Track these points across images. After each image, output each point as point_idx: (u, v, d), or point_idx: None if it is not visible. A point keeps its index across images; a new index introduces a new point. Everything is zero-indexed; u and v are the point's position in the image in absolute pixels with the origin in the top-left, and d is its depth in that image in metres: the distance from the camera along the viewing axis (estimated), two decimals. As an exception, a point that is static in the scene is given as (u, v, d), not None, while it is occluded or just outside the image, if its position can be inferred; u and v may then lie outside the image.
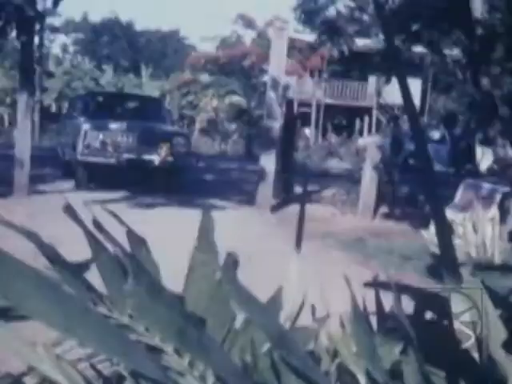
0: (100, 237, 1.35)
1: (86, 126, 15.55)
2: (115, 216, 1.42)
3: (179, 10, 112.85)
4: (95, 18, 66.76)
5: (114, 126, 15.73)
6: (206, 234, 1.49)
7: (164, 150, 15.42)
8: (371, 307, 1.57)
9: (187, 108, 42.77)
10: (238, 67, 45.56)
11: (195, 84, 43.37)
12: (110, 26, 64.12)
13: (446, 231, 1.35)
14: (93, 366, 1.36)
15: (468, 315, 1.26)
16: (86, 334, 0.96)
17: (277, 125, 15.19)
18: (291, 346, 1.16)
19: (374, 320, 1.55)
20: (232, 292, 1.12)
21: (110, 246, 1.35)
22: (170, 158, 15.55)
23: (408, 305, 1.52)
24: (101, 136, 15.39)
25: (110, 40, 64.10)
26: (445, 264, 1.30)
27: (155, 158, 15.49)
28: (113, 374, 1.38)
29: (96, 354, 1.33)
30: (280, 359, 1.22)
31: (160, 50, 63.74)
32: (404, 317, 1.35)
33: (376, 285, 1.61)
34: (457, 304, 1.28)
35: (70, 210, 1.33)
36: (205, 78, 43.70)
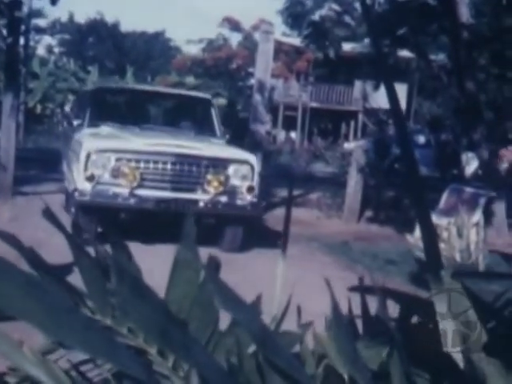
0: (80, 240, 1.34)
1: (88, 145, 9.84)
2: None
3: (165, 11, 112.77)
4: (81, 19, 66.49)
5: (134, 143, 9.92)
6: (188, 237, 1.49)
7: (215, 184, 9.78)
8: (357, 311, 1.57)
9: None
10: (224, 70, 45.58)
11: (181, 86, 43.32)
12: (95, 28, 63.92)
13: (431, 237, 1.35)
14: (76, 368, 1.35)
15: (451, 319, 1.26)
16: (70, 334, 0.95)
17: (263, 128, 15.14)
18: (276, 347, 1.16)
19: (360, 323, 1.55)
20: (217, 292, 1.11)
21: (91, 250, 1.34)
22: (225, 199, 9.91)
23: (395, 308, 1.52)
24: (113, 161, 9.64)
25: (96, 41, 63.91)
26: (430, 269, 1.30)
27: (200, 198, 9.81)
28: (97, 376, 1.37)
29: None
30: (265, 360, 1.22)
31: (146, 52, 63.62)
32: (389, 320, 1.35)
33: (362, 289, 1.61)
34: (441, 309, 1.28)
35: (48, 214, 1.32)
36: (191, 80, 43.67)
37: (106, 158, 9.60)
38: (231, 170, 9.97)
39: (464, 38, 10.72)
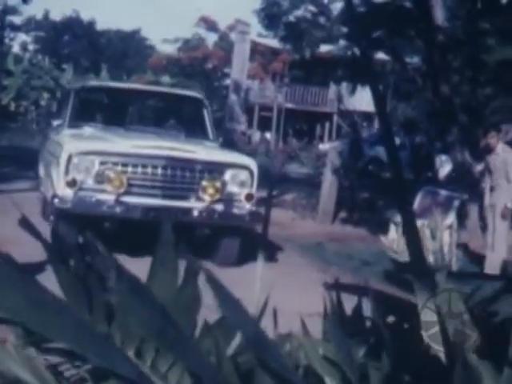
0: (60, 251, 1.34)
1: (69, 146, 8.98)
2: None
3: (141, 10, 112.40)
4: (56, 16, 66.06)
5: (121, 145, 9.05)
6: (165, 244, 1.50)
7: (210, 191, 8.86)
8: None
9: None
10: (199, 70, 45.51)
11: (156, 85, 43.22)
12: (71, 25, 63.52)
13: (415, 239, 1.36)
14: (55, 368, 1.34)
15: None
16: (62, 333, 0.96)
17: (239, 127, 15.07)
18: (269, 348, 1.17)
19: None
20: (215, 293, 1.13)
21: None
22: (220, 207, 8.94)
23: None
24: (97, 164, 8.73)
25: (71, 39, 63.51)
26: (415, 271, 1.31)
27: (194, 207, 8.85)
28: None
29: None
30: (257, 361, 1.23)
31: (121, 51, 63.34)
32: (380, 322, 1.36)
33: (339, 289, 1.61)
34: (426, 313, 1.29)
35: (25, 224, 1.32)
36: (166, 79, 43.55)
37: (90, 162, 8.66)
38: (228, 175, 9.00)
39: (439, 41, 10.79)
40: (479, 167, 10.72)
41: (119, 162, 8.77)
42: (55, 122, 10.78)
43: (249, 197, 8.97)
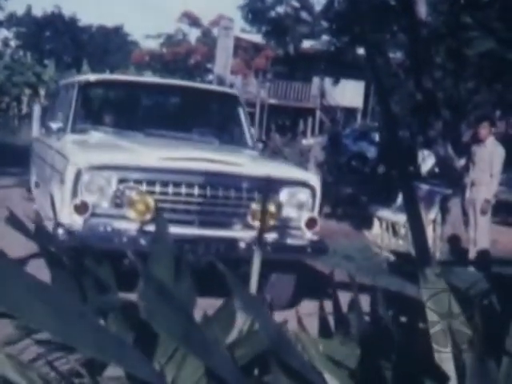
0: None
1: (77, 158, 6.71)
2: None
3: (123, 6, 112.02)
4: (38, 12, 65.76)
5: (145, 156, 6.71)
6: (161, 239, 1.51)
7: (260, 216, 6.71)
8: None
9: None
10: (182, 65, 45.43)
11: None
12: (53, 21, 63.23)
13: (421, 233, 1.35)
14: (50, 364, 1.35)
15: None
16: (82, 338, 0.97)
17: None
18: (291, 349, 1.20)
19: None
20: (237, 296, 1.15)
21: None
22: (274, 237, 6.79)
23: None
24: (114, 182, 6.56)
25: (53, 35, 63.24)
26: (420, 265, 1.31)
27: (240, 237, 6.71)
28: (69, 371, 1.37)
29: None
30: (277, 362, 1.24)
31: (103, 46, 63.13)
32: (389, 319, 1.37)
33: (335, 286, 1.62)
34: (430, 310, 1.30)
35: (13, 221, 1.32)
36: (149, 75, 43.44)
37: (105, 179, 6.53)
38: (284, 195, 6.92)
39: (422, 35, 10.82)
40: (462, 162, 10.76)
41: (144, 179, 6.60)
42: (54, 125, 8.26)
43: (311, 222, 6.95)
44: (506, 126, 22.56)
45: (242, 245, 6.59)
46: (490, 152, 9.48)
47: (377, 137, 27.03)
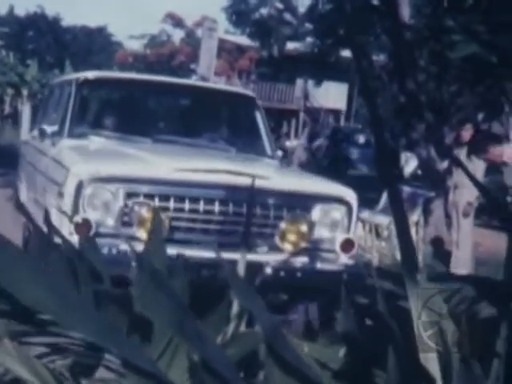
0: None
1: (78, 169, 5.76)
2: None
3: (106, 6, 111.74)
4: (21, 12, 65.52)
5: (157, 167, 5.80)
6: (156, 232, 1.55)
7: (292, 238, 6.00)
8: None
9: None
10: (166, 66, 45.38)
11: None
12: (35, 21, 63.00)
13: (407, 239, 1.36)
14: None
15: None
16: (82, 324, 0.99)
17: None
18: (286, 344, 1.21)
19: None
20: (236, 290, 1.19)
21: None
22: (305, 261, 5.98)
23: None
24: (122, 197, 5.64)
25: (36, 35, 63.02)
26: (405, 268, 1.31)
27: (267, 261, 5.75)
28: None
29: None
30: (271, 356, 1.25)
31: (87, 47, 62.97)
32: (389, 318, 1.37)
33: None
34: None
35: (20, 207, 1.35)
36: (133, 76, 43.40)
37: (111, 193, 5.65)
38: (317, 213, 6.07)
39: (405, 38, 10.85)
40: (444, 164, 10.79)
41: (156, 193, 5.73)
42: (49, 128, 7.28)
43: (346, 245, 6.05)
44: (488, 129, 22.67)
45: (269, 269, 5.69)
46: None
47: (360, 139, 27.10)
